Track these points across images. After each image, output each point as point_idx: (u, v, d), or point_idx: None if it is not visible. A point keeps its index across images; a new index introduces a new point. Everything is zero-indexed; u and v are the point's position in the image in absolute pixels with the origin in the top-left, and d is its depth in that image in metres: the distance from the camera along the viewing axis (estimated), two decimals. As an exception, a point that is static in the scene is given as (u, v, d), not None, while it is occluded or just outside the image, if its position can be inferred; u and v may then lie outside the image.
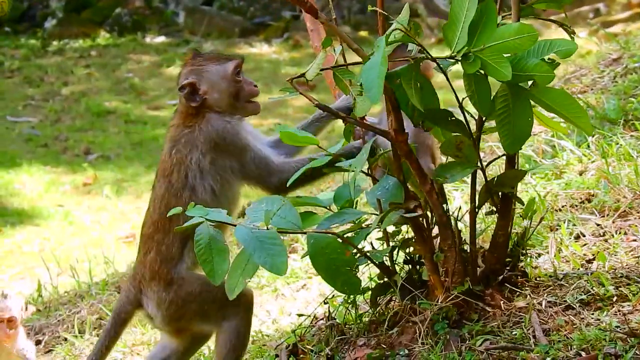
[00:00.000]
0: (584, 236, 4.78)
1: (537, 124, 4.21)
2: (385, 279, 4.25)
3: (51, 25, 19.02)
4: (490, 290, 4.12)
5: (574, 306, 4.06)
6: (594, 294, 4.12)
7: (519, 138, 3.88)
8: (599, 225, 4.84)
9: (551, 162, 5.80)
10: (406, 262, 4.28)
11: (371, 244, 4.37)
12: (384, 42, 3.62)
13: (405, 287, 4.17)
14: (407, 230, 4.26)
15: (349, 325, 4.41)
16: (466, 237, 4.17)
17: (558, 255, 4.60)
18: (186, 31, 18.76)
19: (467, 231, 4.16)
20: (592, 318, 3.96)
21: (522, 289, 4.18)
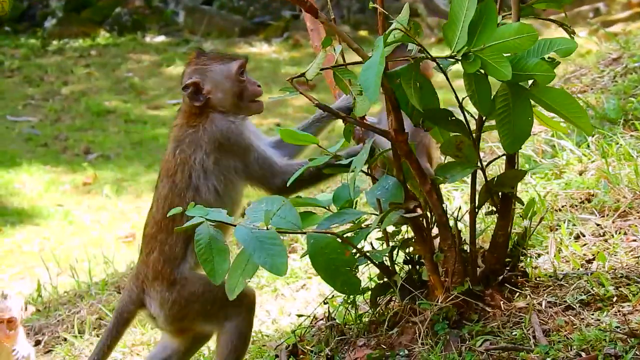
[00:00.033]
0: (584, 236, 4.78)
1: (537, 124, 4.21)
2: (385, 279, 4.24)
3: (51, 25, 19.01)
4: (490, 291, 4.11)
5: (574, 306, 4.05)
6: (594, 294, 4.11)
7: (519, 137, 3.88)
8: (599, 225, 4.83)
9: (551, 162, 5.79)
10: (406, 262, 4.27)
11: (371, 244, 4.37)
12: (383, 42, 3.62)
13: (405, 287, 4.17)
14: (407, 230, 4.26)
15: (348, 326, 4.40)
16: (466, 237, 4.17)
17: (558, 255, 4.60)
18: (186, 31, 18.74)
19: (467, 231, 4.15)
20: (592, 318, 3.95)
21: (522, 289, 4.18)
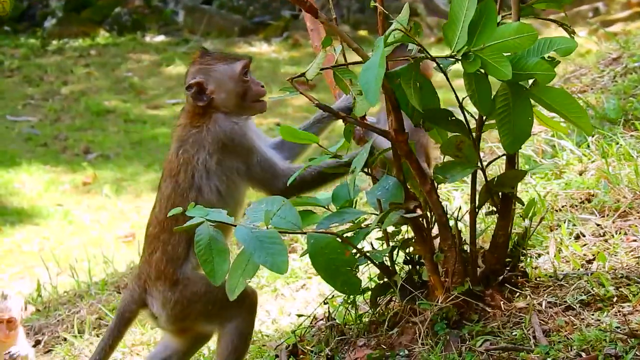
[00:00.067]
0: (584, 236, 4.77)
1: (537, 124, 4.20)
2: (385, 279, 4.24)
3: (51, 25, 19.01)
4: (491, 291, 4.11)
5: (574, 307, 4.05)
6: (594, 295, 4.11)
7: (519, 137, 3.88)
8: (599, 225, 4.83)
9: (551, 162, 5.79)
10: (406, 262, 4.27)
11: (371, 244, 4.37)
12: (383, 44, 3.61)
13: (405, 287, 4.17)
14: (407, 230, 4.25)
15: (348, 326, 4.40)
16: (466, 238, 4.16)
17: (558, 255, 4.60)
18: (186, 30, 18.74)
19: (467, 231, 4.15)
20: (593, 319, 3.95)
21: (522, 290, 4.17)
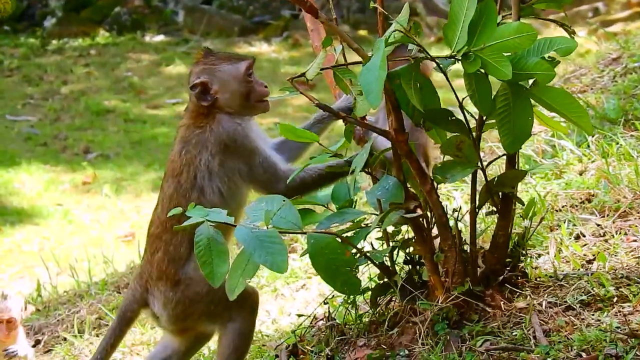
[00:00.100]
0: (584, 236, 4.77)
1: (537, 124, 4.20)
2: (385, 279, 4.24)
3: (50, 24, 19.01)
4: (491, 291, 4.11)
5: (575, 307, 4.05)
6: (594, 295, 4.11)
7: (519, 137, 3.87)
8: (599, 225, 4.83)
9: (551, 162, 5.79)
10: (406, 262, 4.27)
11: (371, 244, 4.37)
12: (383, 45, 3.60)
13: (406, 287, 4.17)
14: (407, 230, 4.25)
15: (349, 326, 4.40)
16: (466, 238, 4.16)
17: (558, 255, 4.60)
18: (185, 30, 18.73)
19: (468, 231, 4.15)
20: (593, 319, 3.95)
21: (523, 290, 4.17)
